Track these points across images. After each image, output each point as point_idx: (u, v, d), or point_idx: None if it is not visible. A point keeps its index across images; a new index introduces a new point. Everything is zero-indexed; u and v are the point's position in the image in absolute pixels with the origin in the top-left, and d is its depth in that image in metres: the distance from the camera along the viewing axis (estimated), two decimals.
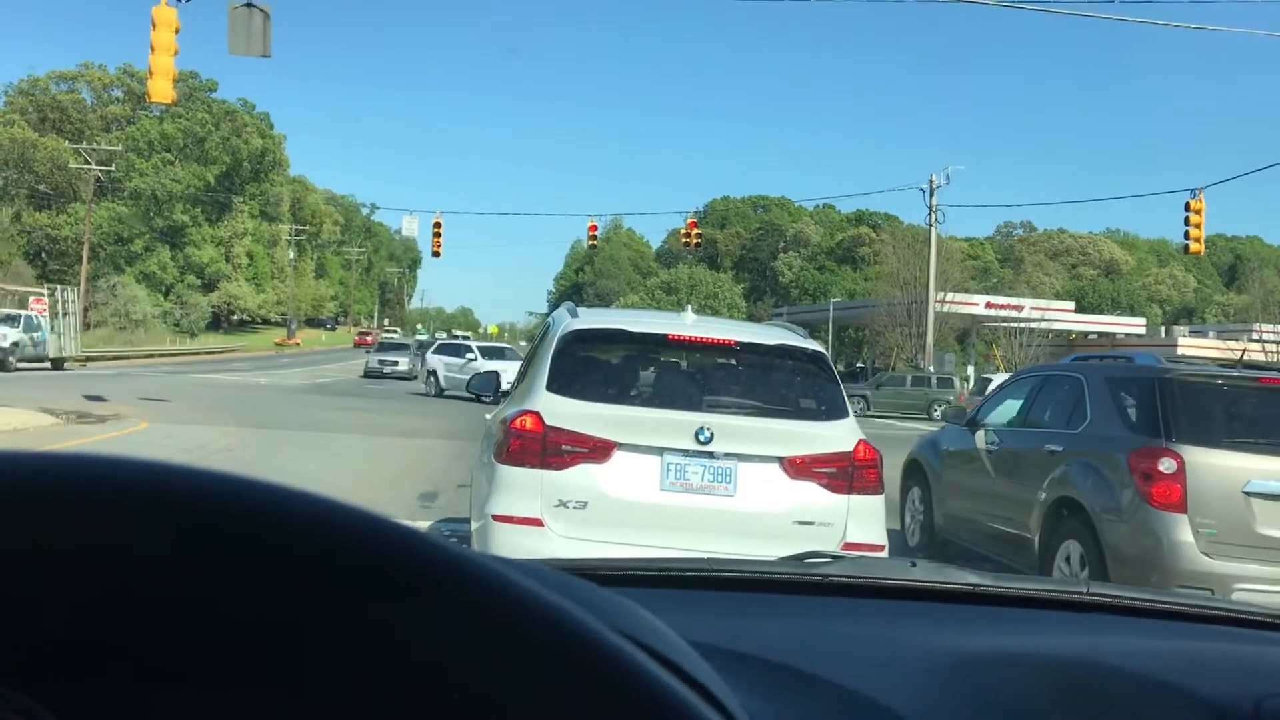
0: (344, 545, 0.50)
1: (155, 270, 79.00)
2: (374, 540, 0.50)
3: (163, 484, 0.49)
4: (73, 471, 0.48)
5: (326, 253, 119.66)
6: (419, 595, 0.50)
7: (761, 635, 1.39)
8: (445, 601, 0.50)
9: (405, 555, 0.51)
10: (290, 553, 0.49)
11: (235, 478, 0.52)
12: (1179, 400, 7.09)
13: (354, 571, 0.49)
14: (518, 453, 5.42)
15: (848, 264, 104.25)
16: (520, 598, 0.51)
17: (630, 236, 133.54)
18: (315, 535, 0.50)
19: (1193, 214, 25.29)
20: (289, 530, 0.49)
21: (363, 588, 0.49)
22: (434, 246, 37.05)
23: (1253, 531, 6.65)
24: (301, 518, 0.50)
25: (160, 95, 15.99)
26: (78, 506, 0.47)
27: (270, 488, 0.52)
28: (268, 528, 0.49)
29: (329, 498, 0.52)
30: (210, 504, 0.49)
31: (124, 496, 0.48)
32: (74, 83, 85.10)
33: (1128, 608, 1.77)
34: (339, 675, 0.48)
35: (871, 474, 5.61)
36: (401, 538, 0.52)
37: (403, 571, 0.50)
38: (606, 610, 0.72)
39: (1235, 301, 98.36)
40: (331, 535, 0.50)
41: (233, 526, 0.49)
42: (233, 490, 0.50)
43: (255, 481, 0.52)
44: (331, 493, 0.46)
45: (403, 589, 0.50)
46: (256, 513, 0.50)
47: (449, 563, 0.51)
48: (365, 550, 0.50)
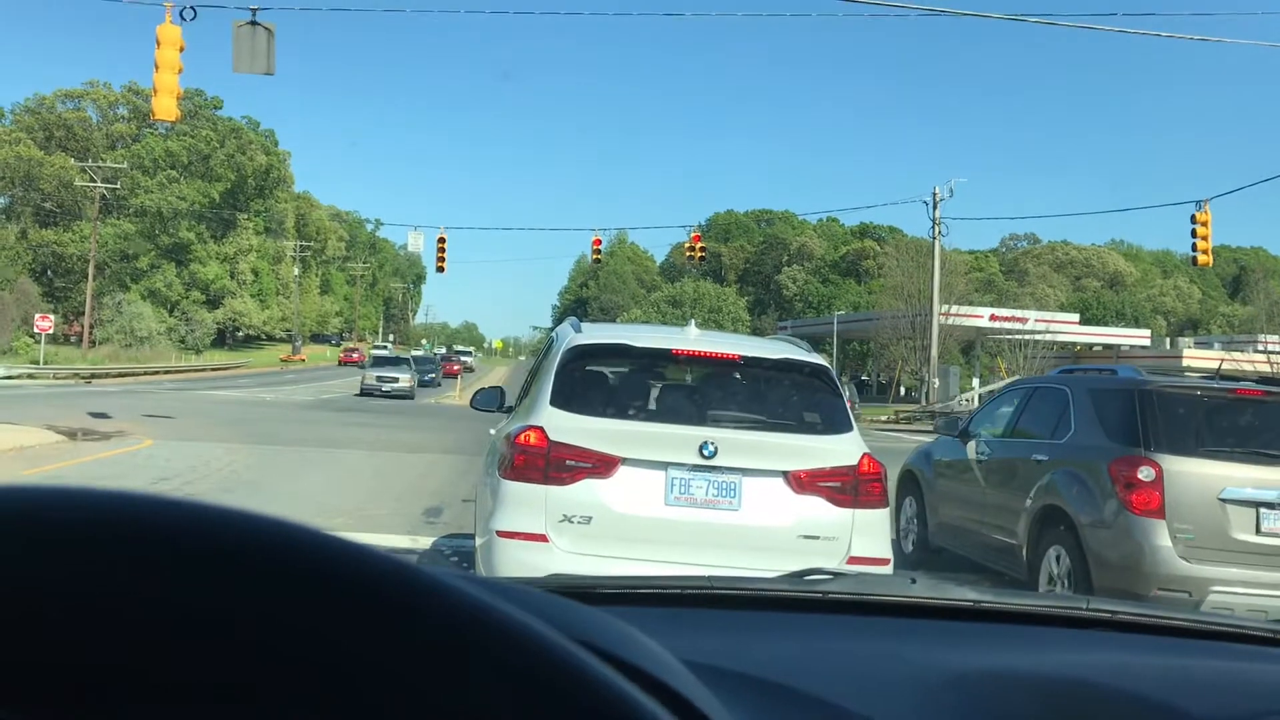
0: (294, 564, 0.50)
1: (160, 287, 79.19)
2: (316, 555, 0.51)
3: (127, 513, 0.50)
4: (41, 504, 0.50)
5: (331, 269, 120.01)
6: (364, 608, 0.50)
7: (761, 654, 1.39)
8: (393, 615, 0.50)
9: (354, 571, 0.51)
10: (239, 573, 0.49)
11: (192, 504, 0.53)
12: (1157, 411, 7.36)
13: (301, 586, 0.50)
14: (522, 468, 5.40)
15: (852, 277, 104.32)
16: (472, 611, 0.51)
17: (634, 251, 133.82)
18: (262, 555, 0.50)
19: (1199, 226, 25.30)
20: (239, 552, 0.50)
21: (300, 598, 0.49)
22: (438, 262, 37.09)
23: (1228, 536, 6.93)
24: (252, 539, 0.51)
25: (165, 113, 16.10)
26: (46, 537, 0.49)
27: (223, 511, 0.53)
28: (222, 552, 0.50)
29: (279, 519, 0.53)
30: (164, 531, 0.50)
31: (93, 526, 0.49)
32: (80, 101, 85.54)
33: (1127, 624, 1.76)
34: (291, 691, 0.49)
35: (876, 487, 5.60)
36: (347, 553, 0.52)
37: (349, 585, 0.50)
38: (593, 629, 0.72)
39: (1240, 313, 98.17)
40: (279, 554, 0.51)
41: (188, 551, 0.49)
42: (187, 516, 0.51)
43: (210, 506, 0.53)
44: (337, 509, 0.49)
45: (348, 602, 0.50)
46: (209, 537, 0.51)
47: (401, 580, 0.51)
48: (307, 565, 0.50)
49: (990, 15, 34.47)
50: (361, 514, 11.41)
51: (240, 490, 12.89)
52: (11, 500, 0.50)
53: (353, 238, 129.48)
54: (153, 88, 16.21)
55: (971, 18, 31.80)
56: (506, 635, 0.51)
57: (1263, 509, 6.97)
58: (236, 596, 0.49)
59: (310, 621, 0.49)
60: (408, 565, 0.53)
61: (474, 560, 6.06)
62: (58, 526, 0.49)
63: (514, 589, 0.81)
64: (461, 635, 0.51)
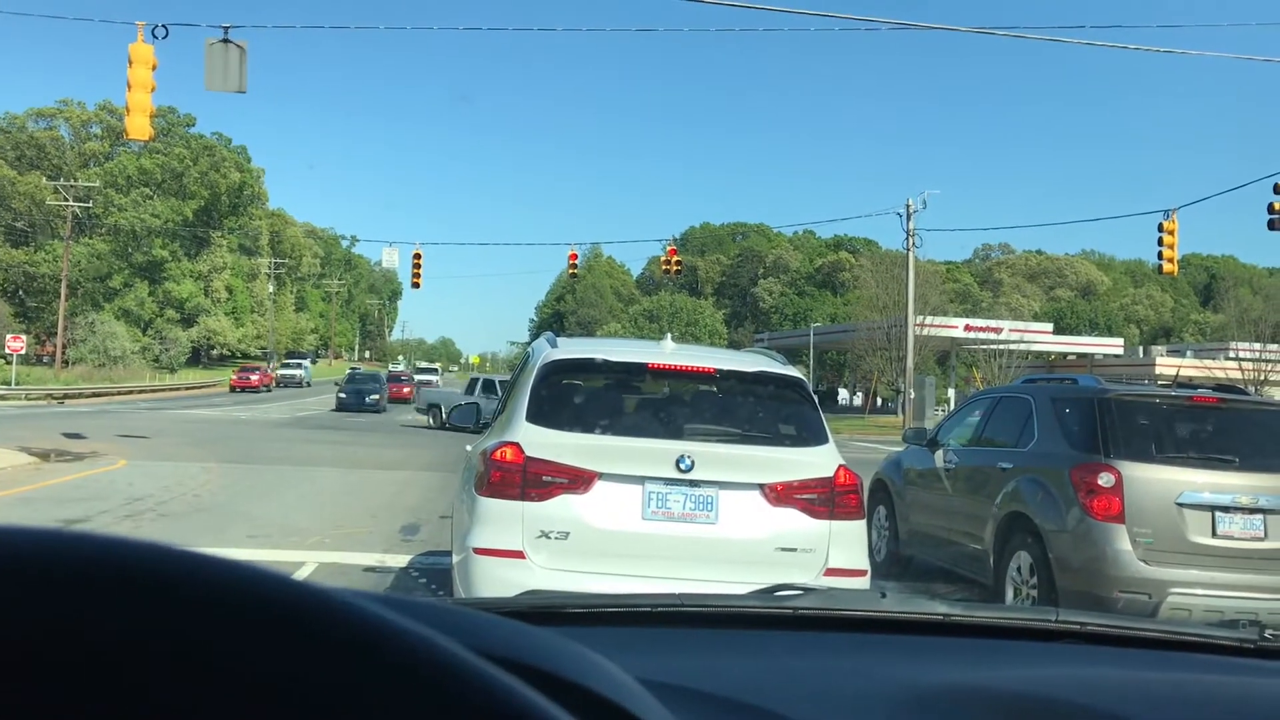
0: (179, 585, 0.50)
1: (133, 306, 78.60)
2: (195, 572, 0.51)
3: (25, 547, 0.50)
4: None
5: (306, 286, 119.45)
6: (254, 626, 0.50)
7: (729, 672, 1.40)
8: (281, 635, 0.50)
9: (244, 591, 0.51)
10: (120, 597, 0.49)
11: (88, 536, 0.52)
12: (1117, 418, 7.56)
13: (181, 605, 0.49)
14: (498, 484, 5.39)
15: (827, 289, 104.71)
16: (352, 620, 0.51)
17: (611, 265, 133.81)
18: (152, 580, 0.50)
19: (1166, 235, 25.53)
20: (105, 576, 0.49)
21: (186, 617, 0.49)
22: (414, 278, 37.00)
23: (1185, 540, 7.12)
24: (127, 563, 0.50)
25: (138, 132, 16.04)
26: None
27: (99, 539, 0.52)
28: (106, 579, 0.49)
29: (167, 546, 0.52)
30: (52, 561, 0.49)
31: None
32: (52, 120, 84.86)
33: (1095, 635, 1.79)
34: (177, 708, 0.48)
35: (852, 499, 5.62)
36: (243, 575, 0.52)
37: (237, 605, 0.50)
38: (537, 651, 0.71)
39: (1212, 320, 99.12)
40: (169, 578, 0.50)
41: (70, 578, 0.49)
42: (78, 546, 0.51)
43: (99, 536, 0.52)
44: (312, 528, 0.49)
45: (236, 620, 0.50)
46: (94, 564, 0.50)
47: (290, 599, 0.51)
48: (181, 583, 0.50)
49: (959, 29, 34.84)
50: (338, 532, 11.36)
51: (214, 511, 12.82)
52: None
53: (328, 254, 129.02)
54: (126, 106, 16.14)
55: (943, 30, 31.98)
56: (395, 645, 0.51)
57: (1218, 512, 7.16)
58: (96, 616, 0.48)
59: (187, 636, 0.48)
60: (286, 579, 0.53)
61: (451, 578, 6.05)
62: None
63: (449, 610, 0.81)
64: (344, 644, 0.50)
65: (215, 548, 9.63)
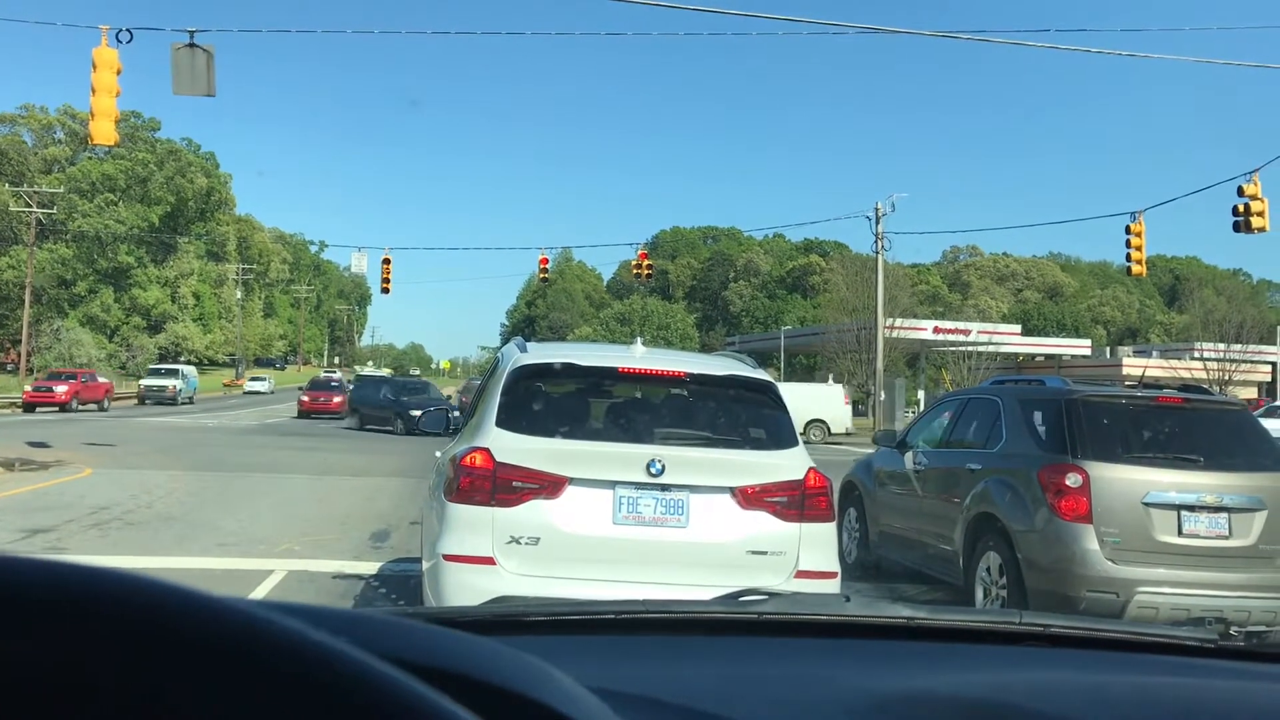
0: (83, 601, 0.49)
1: (99, 313, 77.69)
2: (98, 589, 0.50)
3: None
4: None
5: (275, 291, 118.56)
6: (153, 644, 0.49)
7: (692, 680, 1.40)
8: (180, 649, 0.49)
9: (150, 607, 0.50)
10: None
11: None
12: (1084, 419, 7.62)
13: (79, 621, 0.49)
14: (468, 490, 5.37)
15: (798, 292, 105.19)
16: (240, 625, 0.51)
17: (582, 269, 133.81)
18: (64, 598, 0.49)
19: (1133, 236, 25.80)
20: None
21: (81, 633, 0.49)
22: (383, 283, 36.85)
23: (1152, 539, 7.20)
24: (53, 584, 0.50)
25: (102, 137, 15.86)
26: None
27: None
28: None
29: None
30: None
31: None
32: (13, 125, 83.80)
33: (1059, 637, 1.80)
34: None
35: (822, 501, 5.63)
36: (151, 592, 0.51)
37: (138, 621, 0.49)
38: (483, 661, 0.70)
39: (1177, 321, 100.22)
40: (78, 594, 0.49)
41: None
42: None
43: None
44: (281, 535, 0.49)
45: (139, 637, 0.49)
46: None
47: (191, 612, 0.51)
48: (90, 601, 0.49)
49: (923, 33, 35.05)
50: (307, 540, 11.27)
51: (182, 519, 12.69)
52: None
53: (297, 260, 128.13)
54: (90, 111, 15.97)
55: (909, 34, 32.23)
56: (287, 652, 0.50)
57: (1184, 511, 7.24)
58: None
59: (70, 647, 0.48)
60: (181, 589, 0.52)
61: (421, 584, 6.01)
62: None
63: (345, 616, 0.80)
64: (230, 650, 0.50)
65: (184, 556, 9.46)
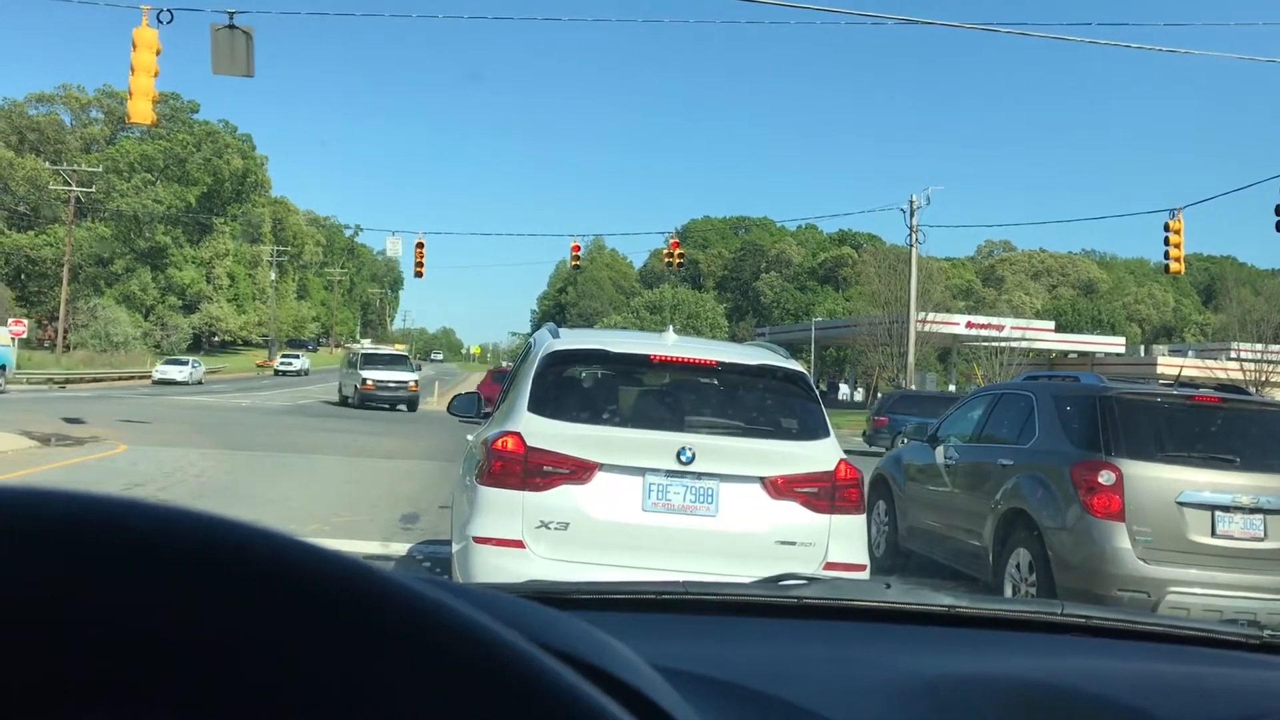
0: (244, 565, 0.49)
1: (136, 291, 78.50)
2: (253, 551, 0.50)
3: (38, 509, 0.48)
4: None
5: (308, 274, 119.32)
6: (314, 608, 0.49)
7: (736, 660, 1.40)
8: (344, 614, 0.49)
9: (305, 570, 0.49)
10: (188, 574, 0.48)
11: (109, 499, 0.51)
12: (1118, 417, 7.56)
13: (252, 587, 0.48)
14: (499, 474, 5.39)
15: (829, 284, 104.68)
16: (424, 609, 0.51)
17: (613, 257, 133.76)
18: (214, 555, 0.49)
19: (1172, 234, 25.51)
20: (189, 551, 0.49)
21: (241, 600, 0.48)
22: (416, 267, 36.97)
23: (1185, 539, 7.13)
24: (203, 539, 0.50)
25: (140, 116, 15.99)
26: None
27: (171, 511, 0.51)
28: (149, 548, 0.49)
29: (232, 520, 0.51)
30: (81, 527, 0.48)
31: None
32: (52, 104, 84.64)
33: (1100, 629, 1.78)
34: (234, 690, 0.47)
35: (853, 493, 5.60)
36: (299, 552, 0.50)
37: (300, 585, 0.49)
38: (561, 634, 0.71)
39: (1213, 320, 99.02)
40: (228, 554, 0.49)
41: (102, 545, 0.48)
42: (106, 510, 0.49)
43: (158, 506, 0.51)
44: (312, 515, 0.47)
45: (299, 602, 0.49)
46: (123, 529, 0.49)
47: (352, 579, 0.50)
48: (243, 563, 0.49)
49: (964, 25, 34.70)
50: (338, 520, 11.36)
51: (215, 496, 12.82)
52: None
53: (330, 243, 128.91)
54: (128, 91, 16.10)
55: (949, 27, 31.88)
56: (460, 635, 0.50)
57: (1218, 512, 7.17)
58: (185, 598, 0.47)
59: (262, 622, 0.47)
60: (361, 564, 0.52)
61: (450, 566, 6.04)
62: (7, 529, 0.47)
63: (480, 593, 0.80)
64: (414, 634, 0.50)
65: None
